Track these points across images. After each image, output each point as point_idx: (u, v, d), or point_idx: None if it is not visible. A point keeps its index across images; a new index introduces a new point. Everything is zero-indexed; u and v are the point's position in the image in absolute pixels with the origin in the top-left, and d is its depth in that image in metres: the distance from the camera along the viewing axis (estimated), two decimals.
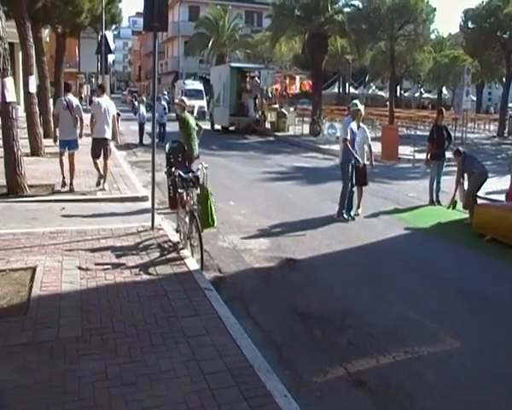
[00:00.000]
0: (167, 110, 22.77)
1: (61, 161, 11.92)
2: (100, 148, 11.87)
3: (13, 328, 5.06)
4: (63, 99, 11.79)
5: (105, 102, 12.01)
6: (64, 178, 11.80)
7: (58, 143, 11.91)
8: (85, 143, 12.78)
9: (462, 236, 10.00)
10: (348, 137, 10.52)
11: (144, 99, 29.74)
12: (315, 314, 6.18)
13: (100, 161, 11.93)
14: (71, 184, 11.61)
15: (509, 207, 10.14)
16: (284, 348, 5.36)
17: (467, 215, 10.88)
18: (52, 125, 14.17)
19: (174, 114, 24.77)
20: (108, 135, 11.90)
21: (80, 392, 4.07)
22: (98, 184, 11.93)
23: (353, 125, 10.71)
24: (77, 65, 32.71)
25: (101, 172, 11.89)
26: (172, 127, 22.02)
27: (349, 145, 10.48)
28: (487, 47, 33.78)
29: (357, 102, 11.05)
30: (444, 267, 8.24)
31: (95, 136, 11.90)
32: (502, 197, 11.73)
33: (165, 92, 35.02)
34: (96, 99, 12.56)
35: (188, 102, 11.94)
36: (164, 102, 22.92)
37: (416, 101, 62.89)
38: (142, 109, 22.58)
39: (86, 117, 12.48)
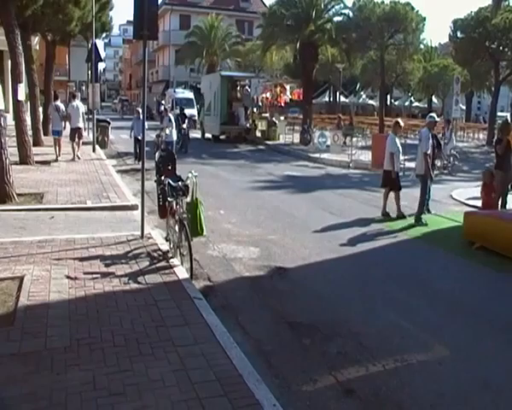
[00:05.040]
0: (174, 124, 19.56)
1: (54, 145, 17.73)
2: (75, 133, 18.12)
3: None
4: (53, 104, 18.49)
5: (77, 103, 18.61)
6: (57, 156, 17.51)
7: (51, 132, 18.69)
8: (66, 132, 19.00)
9: (451, 244, 10.03)
10: (429, 151, 11.36)
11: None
12: (304, 323, 6.17)
13: (76, 142, 18.17)
14: (58, 156, 17.59)
15: (498, 215, 10.18)
16: (273, 356, 5.34)
17: (457, 223, 10.94)
18: (41, 132, 21.09)
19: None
20: (80, 124, 18.42)
21: (67, 403, 4.03)
22: (73, 158, 17.94)
23: (430, 136, 11.60)
24: (67, 73, 32.58)
25: (75, 149, 18.17)
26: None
27: (428, 159, 11.33)
28: (476, 57, 34.07)
29: (434, 114, 12.07)
30: (434, 275, 8.25)
31: (72, 126, 18.24)
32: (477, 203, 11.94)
33: (169, 105, 33.92)
34: (71, 103, 18.81)
35: None
36: (170, 115, 20.29)
37: (407, 110, 63.12)
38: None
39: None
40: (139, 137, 18.65)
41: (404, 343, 5.75)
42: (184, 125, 23.88)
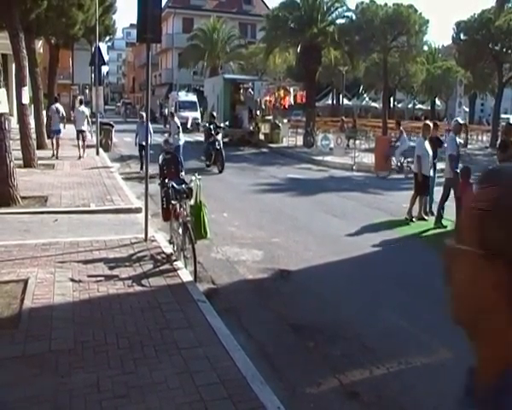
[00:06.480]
0: (180, 130, 17.67)
1: (52, 143, 19.33)
2: (79, 135, 19.67)
3: (3, 341, 5.02)
4: (53, 106, 19.86)
5: (82, 108, 20.41)
6: (53, 153, 19.00)
7: (51, 132, 19.84)
8: (67, 133, 21.85)
9: None
10: (455, 153, 11.57)
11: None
12: (308, 326, 6.17)
13: (80, 143, 19.63)
14: (57, 154, 18.97)
15: None
16: (277, 359, 5.34)
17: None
18: (45, 135, 21.33)
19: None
20: (84, 127, 19.82)
21: (72, 406, 4.04)
22: (79, 158, 19.22)
23: (457, 140, 11.98)
24: (70, 76, 32.74)
25: (80, 150, 19.54)
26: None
27: (452, 161, 11.52)
28: (479, 59, 33.97)
29: (458, 118, 12.50)
30: (436, 278, 8.16)
31: (76, 128, 19.79)
32: None
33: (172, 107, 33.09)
34: (77, 107, 21.29)
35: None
36: (177, 120, 18.12)
37: (410, 112, 63.09)
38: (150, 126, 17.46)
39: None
40: (144, 144, 15.65)
41: (407, 346, 5.75)
42: (219, 137, 19.24)
